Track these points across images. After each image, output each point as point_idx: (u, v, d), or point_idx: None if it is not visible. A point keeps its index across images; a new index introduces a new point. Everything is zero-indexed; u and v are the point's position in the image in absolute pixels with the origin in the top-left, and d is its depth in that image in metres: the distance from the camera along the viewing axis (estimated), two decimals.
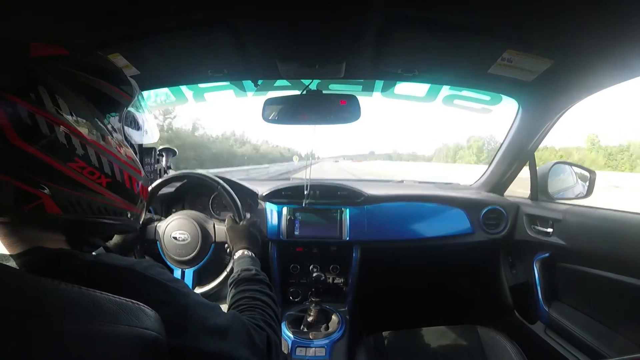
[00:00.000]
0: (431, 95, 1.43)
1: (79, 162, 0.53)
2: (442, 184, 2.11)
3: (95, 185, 0.56)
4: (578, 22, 0.85)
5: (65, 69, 0.54)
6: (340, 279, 1.65)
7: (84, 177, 0.54)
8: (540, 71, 1.11)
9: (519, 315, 1.67)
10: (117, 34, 1.00)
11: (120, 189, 0.61)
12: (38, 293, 0.41)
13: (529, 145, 1.55)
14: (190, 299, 0.59)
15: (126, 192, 0.62)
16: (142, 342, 0.45)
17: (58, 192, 0.52)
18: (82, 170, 0.54)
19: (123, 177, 0.61)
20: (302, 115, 1.31)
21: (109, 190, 0.58)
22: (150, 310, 0.48)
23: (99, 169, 0.56)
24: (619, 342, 1.17)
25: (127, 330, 0.44)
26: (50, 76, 0.52)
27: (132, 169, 0.63)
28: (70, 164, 0.52)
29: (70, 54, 0.57)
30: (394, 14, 0.91)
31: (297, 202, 1.63)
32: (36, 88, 0.50)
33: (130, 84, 0.65)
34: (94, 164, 0.55)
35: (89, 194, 0.56)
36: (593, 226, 1.28)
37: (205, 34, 1.00)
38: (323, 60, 1.16)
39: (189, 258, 1.28)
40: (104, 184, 0.57)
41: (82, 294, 0.44)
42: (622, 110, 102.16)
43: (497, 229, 1.68)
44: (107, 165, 0.57)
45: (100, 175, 0.56)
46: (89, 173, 0.55)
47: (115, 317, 0.44)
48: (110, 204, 0.59)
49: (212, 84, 1.44)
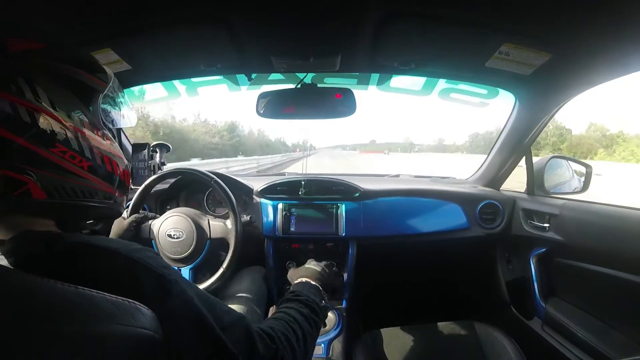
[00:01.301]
0: (427, 88, 1.42)
1: (60, 147, 0.55)
2: (439, 178, 2.11)
3: (77, 169, 0.58)
4: (576, 16, 0.84)
5: (41, 60, 0.57)
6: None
7: (66, 162, 0.56)
8: (538, 65, 1.10)
9: (515, 311, 1.67)
10: (109, 30, 0.98)
11: (101, 172, 0.63)
12: (35, 294, 0.41)
13: (525, 139, 1.54)
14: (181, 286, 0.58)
15: (108, 175, 0.65)
16: (138, 342, 0.45)
17: (43, 178, 0.54)
18: (63, 154, 0.56)
19: (104, 160, 0.63)
20: (297, 110, 1.30)
21: (91, 173, 0.61)
22: (146, 309, 0.48)
23: (79, 152, 0.58)
24: (616, 337, 1.17)
25: (123, 330, 0.44)
26: (28, 68, 0.54)
27: (112, 153, 0.66)
28: (52, 149, 0.54)
29: (44, 47, 0.59)
30: (390, 8, 0.89)
31: (292, 198, 1.62)
32: (16, 79, 0.52)
33: (105, 72, 0.67)
34: (75, 148, 0.57)
35: (72, 178, 0.58)
36: (590, 221, 1.27)
37: (198, 28, 0.99)
38: (318, 54, 1.14)
39: (184, 256, 1.25)
40: (85, 167, 0.59)
41: (78, 294, 0.44)
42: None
43: (494, 224, 1.68)
44: (87, 150, 0.60)
45: (81, 159, 0.59)
46: (71, 157, 0.57)
47: (112, 317, 0.44)
48: (92, 186, 0.62)
49: (205, 78, 1.41)
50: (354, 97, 1.25)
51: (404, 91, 1.48)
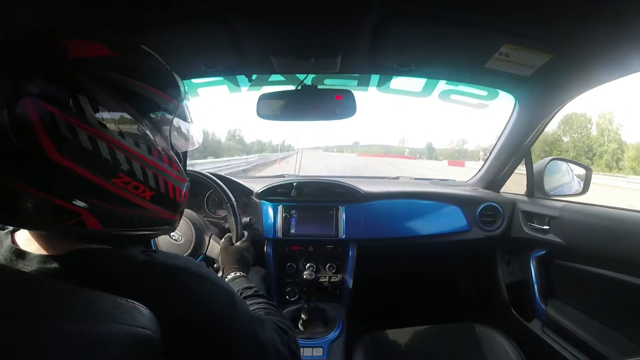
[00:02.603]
0: (427, 90, 1.42)
1: (123, 177, 0.50)
2: (438, 180, 2.10)
3: (139, 200, 0.53)
4: (577, 16, 0.84)
5: (108, 73, 0.49)
6: (336, 277, 1.63)
7: (127, 192, 0.51)
8: (538, 66, 1.10)
9: (515, 313, 1.66)
10: (108, 29, 0.96)
11: (163, 200, 0.58)
12: (33, 292, 0.41)
13: (525, 141, 1.54)
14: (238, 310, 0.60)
15: (169, 203, 0.59)
16: (136, 341, 0.45)
17: (99, 208, 0.49)
18: (126, 185, 0.51)
19: (167, 188, 0.58)
20: (298, 111, 1.29)
21: (152, 203, 0.56)
22: (144, 308, 0.47)
23: (143, 182, 0.53)
24: (616, 339, 1.17)
25: (121, 329, 0.44)
26: (91, 82, 0.47)
27: (177, 179, 0.60)
28: (114, 179, 0.49)
29: (114, 54, 0.52)
30: (390, 9, 0.89)
31: (292, 200, 1.61)
32: (76, 97, 0.45)
33: (178, 85, 0.60)
34: (139, 178, 0.52)
35: (132, 209, 0.53)
36: (590, 223, 1.27)
37: (198, 29, 0.98)
38: (318, 55, 1.14)
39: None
40: (147, 197, 0.54)
41: (76, 293, 0.44)
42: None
43: (493, 226, 1.67)
44: (153, 179, 0.54)
45: (145, 189, 0.53)
46: (134, 188, 0.52)
47: (110, 316, 0.44)
48: (152, 215, 0.57)
49: (206, 79, 1.41)
50: (354, 98, 1.25)
51: (404, 92, 1.48)
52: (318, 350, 1.32)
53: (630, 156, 43.68)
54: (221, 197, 1.29)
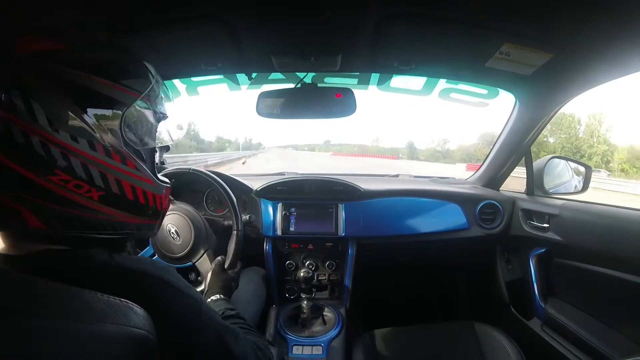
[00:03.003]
0: (428, 88, 1.41)
1: (60, 174, 0.47)
2: (438, 178, 2.11)
3: (84, 200, 0.50)
4: (577, 16, 0.84)
5: (49, 66, 0.48)
6: (336, 275, 1.64)
7: (68, 191, 0.49)
8: (539, 65, 1.10)
9: (515, 311, 1.67)
10: (108, 28, 0.96)
11: (119, 201, 0.54)
12: (26, 291, 0.41)
13: (525, 140, 1.54)
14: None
15: (129, 205, 0.56)
16: (131, 341, 0.45)
17: (38, 207, 0.48)
18: (65, 183, 0.48)
19: (122, 188, 0.54)
20: (298, 109, 1.30)
21: (103, 204, 0.52)
22: (139, 308, 0.47)
23: (87, 181, 0.50)
24: (615, 338, 1.17)
25: (115, 329, 0.44)
26: (31, 76, 0.46)
27: (137, 179, 0.56)
28: (50, 177, 0.47)
29: (65, 47, 0.50)
30: (390, 9, 0.89)
31: (292, 198, 1.61)
32: (9, 91, 0.45)
33: (140, 76, 0.57)
34: (80, 176, 0.49)
35: (78, 209, 0.50)
36: (589, 222, 1.27)
37: (199, 28, 0.98)
38: (318, 53, 1.14)
39: (178, 256, 1.22)
40: (95, 197, 0.51)
41: (70, 293, 0.44)
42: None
43: (493, 224, 1.68)
44: (99, 177, 0.51)
45: (89, 188, 0.50)
46: (75, 186, 0.49)
47: (104, 316, 0.44)
48: (107, 218, 0.53)
49: (206, 77, 1.41)
50: (354, 96, 1.25)
51: (404, 91, 1.48)
52: (317, 349, 1.33)
53: (622, 158, 42.98)
54: (222, 197, 1.28)
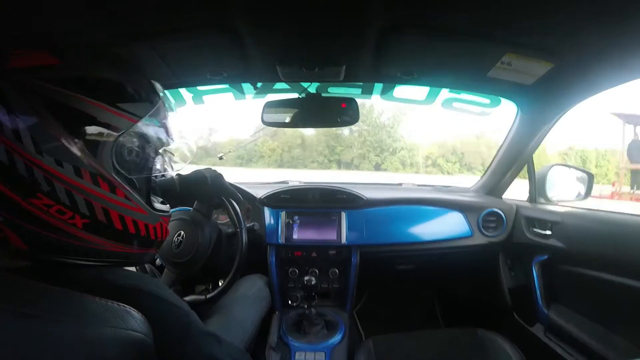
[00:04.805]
0: (430, 98, 1.43)
1: (42, 198, 0.46)
2: (441, 186, 2.11)
3: (67, 226, 0.48)
4: (578, 25, 0.85)
5: (40, 84, 0.45)
6: (339, 283, 1.64)
7: (50, 216, 0.47)
8: (540, 74, 1.11)
9: (518, 318, 1.67)
10: (113, 37, 0.97)
11: (106, 230, 0.52)
12: (26, 295, 0.42)
13: (527, 148, 1.55)
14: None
15: (117, 234, 0.53)
16: (128, 344, 0.45)
17: (18, 227, 0.46)
18: (47, 208, 0.46)
19: (110, 217, 0.51)
20: (302, 118, 1.32)
21: (88, 232, 0.50)
22: (136, 312, 0.48)
23: (70, 208, 0.48)
24: (620, 344, 1.17)
25: (113, 333, 0.44)
26: (18, 94, 0.44)
27: (125, 208, 0.53)
28: (32, 199, 0.45)
29: (58, 62, 0.47)
30: (393, 19, 0.91)
31: (295, 206, 1.62)
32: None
33: (141, 99, 0.54)
34: (64, 202, 0.47)
35: (60, 235, 0.48)
36: (592, 228, 1.28)
37: (206, 37, 0.99)
38: (323, 64, 1.16)
39: (182, 261, 1.19)
40: (79, 224, 0.49)
41: (68, 296, 0.44)
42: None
43: (496, 232, 1.68)
44: (84, 205, 0.48)
45: (73, 215, 0.48)
46: (58, 212, 0.47)
47: (102, 320, 0.44)
48: (91, 247, 0.51)
49: (211, 86, 1.43)
50: (357, 106, 1.27)
51: (407, 101, 1.50)
52: (320, 355, 1.33)
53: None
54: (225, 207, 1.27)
